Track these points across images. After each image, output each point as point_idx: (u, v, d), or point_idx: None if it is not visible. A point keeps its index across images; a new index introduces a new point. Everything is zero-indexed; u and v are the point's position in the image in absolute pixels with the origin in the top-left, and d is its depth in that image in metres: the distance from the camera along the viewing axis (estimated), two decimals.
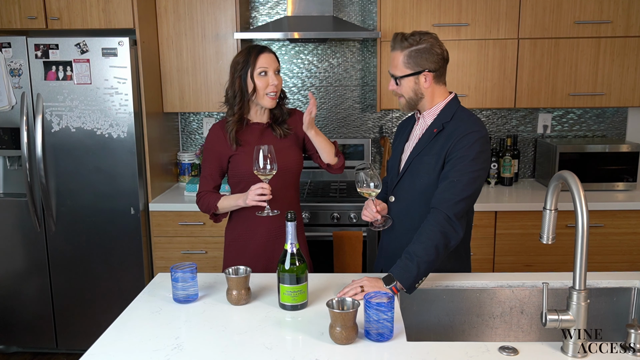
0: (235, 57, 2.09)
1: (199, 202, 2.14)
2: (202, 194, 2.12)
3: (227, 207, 2.09)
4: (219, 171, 2.13)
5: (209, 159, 2.13)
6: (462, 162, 1.71)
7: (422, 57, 1.75)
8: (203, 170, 2.15)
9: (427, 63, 1.76)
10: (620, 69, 3.02)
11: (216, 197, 2.10)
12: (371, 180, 1.77)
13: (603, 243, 2.92)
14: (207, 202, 2.10)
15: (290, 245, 1.59)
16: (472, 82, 3.07)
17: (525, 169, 3.50)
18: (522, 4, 2.97)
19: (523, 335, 1.76)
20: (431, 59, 1.76)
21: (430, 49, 1.76)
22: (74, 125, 2.86)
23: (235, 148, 2.07)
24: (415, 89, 1.79)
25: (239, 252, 2.14)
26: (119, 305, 1.89)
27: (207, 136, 2.15)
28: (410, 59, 1.76)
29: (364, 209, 1.87)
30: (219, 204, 2.08)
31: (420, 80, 1.78)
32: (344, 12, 3.38)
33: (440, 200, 1.71)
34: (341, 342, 1.38)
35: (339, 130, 3.51)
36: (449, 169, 1.73)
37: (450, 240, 1.69)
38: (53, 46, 2.80)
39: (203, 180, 2.14)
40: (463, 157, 1.71)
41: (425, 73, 1.77)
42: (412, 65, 1.77)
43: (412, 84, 1.79)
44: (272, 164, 1.90)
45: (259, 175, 1.91)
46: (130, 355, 1.36)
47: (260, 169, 1.90)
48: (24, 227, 2.97)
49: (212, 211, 2.10)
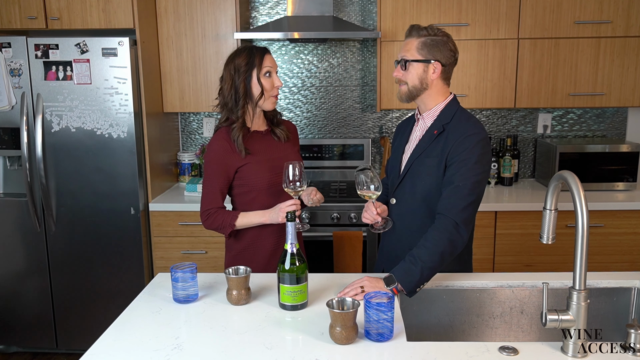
0: (235, 59, 1.98)
1: (209, 220, 1.98)
2: (211, 210, 1.98)
3: (247, 224, 1.98)
4: (227, 184, 2.01)
5: (216, 172, 1.98)
6: (465, 165, 1.71)
7: (437, 47, 1.77)
8: (210, 186, 1.99)
9: (440, 55, 1.77)
10: (620, 69, 3.02)
11: (232, 215, 1.97)
12: (371, 182, 1.77)
13: (603, 243, 2.92)
14: (222, 220, 1.97)
15: (290, 245, 1.59)
16: (472, 82, 3.07)
17: (525, 169, 3.50)
18: (522, 4, 2.97)
19: (523, 335, 1.76)
20: (444, 52, 1.78)
21: (445, 43, 1.78)
22: (74, 125, 2.86)
23: (245, 156, 1.97)
24: (422, 77, 1.79)
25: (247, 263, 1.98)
26: (119, 305, 1.89)
27: (210, 150, 2.00)
28: (424, 46, 1.77)
29: (364, 211, 1.86)
30: (237, 222, 1.96)
31: (429, 70, 1.78)
32: (344, 12, 3.38)
33: (446, 206, 1.70)
34: (341, 342, 1.38)
35: (339, 130, 3.51)
36: (452, 173, 1.73)
37: (456, 248, 1.69)
38: (53, 46, 2.80)
39: (212, 196, 1.98)
40: (465, 161, 1.71)
41: (435, 63, 1.77)
42: (425, 52, 1.77)
43: (421, 71, 1.79)
44: (302, 181, 1.84)
45: (289, 191, 1.85)
46: (130, 355, 1.36)
47: (290, 185, 1.84)
48: (24, 227, 2.97)
49: (230, 230, 1.98)
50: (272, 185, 2.00)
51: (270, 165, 2.01)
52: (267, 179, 2.00)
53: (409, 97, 1.84)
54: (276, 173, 1.99)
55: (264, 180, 1.99)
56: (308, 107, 3.50)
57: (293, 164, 1.83)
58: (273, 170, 2.00)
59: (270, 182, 2.00)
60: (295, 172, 1.83)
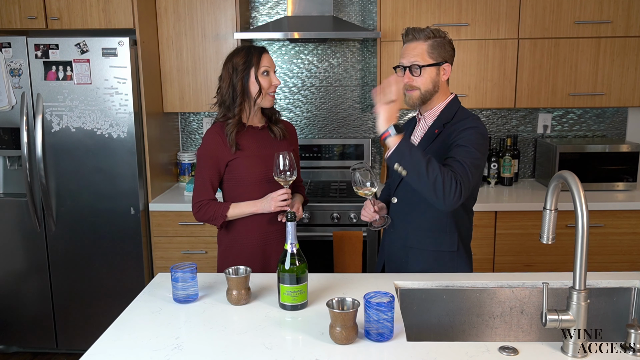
0: (233, 57, 2.03)
1: (201, 211, 2.04)
2: (203, 202, 2.04)
3: (239, 215, 2.04)
4: (218, 177, 2.07)
5: (207, 165, 2.04)
6: (465, 148, 1.69)
7: (444, 48, 1.77)
8: (200, 178, 2.06)
9: (447, 55, 1.78)
10: (620, 69, 3.02)
11: (223, 205, 2.03)
12: (367, 179, 1.78)
13: (603, 243, 2.92)
14: (213, 211, 2.02)
15: (290, 245, 1.59)
16: (472, 82, 3.07)
17: (525, 169, 3.50)
18: (522, 4, 2.97)
19: (523, 335, 1.76)
20: (449, 52, 1.79)
21: (449, 43, 1.79)
22: (74, 125, 2.86)
23: (235, 151, 2.03)
24: (435, 81, 1.79)
25: (236, 255, 2.11)
26: (119, 305, 1.89)
27: (203, 143, 2.07)
28: (434, 49, 1.77)
29: (363, 209, 1.87)
30: (229, 212, 2.02)
31: (441, 72, 1.78)
32: (344, 12, 3.38)
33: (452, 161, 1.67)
34: (341, 342, 1.38)
35: (339, 130, 3.51)
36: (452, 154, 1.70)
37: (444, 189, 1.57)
38: (53, 46, 2.80)
39: (202, 188, 2.05)
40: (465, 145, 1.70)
41: (446, 65, 1.78)
42: (436, 55, 1.77)
43: (434, 74, 1.78)
44: (292, 170, 1.91)
45: (280, 181, 1.93)
46: (130, 355, 1.36)
47: (281, 174, 1.91)
48: (24, 227, 2.97)
49: (221, 220, 2.03)
50: (263, 179, 2.03)
51: (261, 160, 2.05)
52: (256, 174, 2.04)
53: (422, 102, 1.82)
54: (267, 168, 2.03)
55: (254, 174, 2.04)
56: (308, 107, 3.50)
57: (283, 154, 1.91)
58: (264, 165, 2.04)
59: (261, 176, 2.03)
60: (286, 162, 1.91)
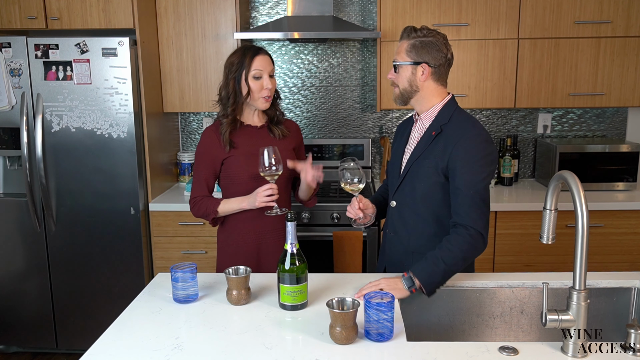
0: (230, 57, 2.06)
1: (195, 207, 2.10)
2: (197, 198, 2.09)
3: (229, 210, 2.06)
4: (214, 175, 2.11)
5: (203, 162, 2.09)
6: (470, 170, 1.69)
7: (425, 49, 1.76)
8: (196, 175, 2.11)
9: (428, 56, 1.76)
10: (620, 69, 3.02)
11: (215, 201, 2.07)
12: (355, 176, 1.78)
13: (603, 243, 2.92)
14: (205, 207, 2.07)
15: (290, 245, 1.59)
16: (472, 82, 3.07)
17: (525, 169, 3.50)
18: (522, 4, 2.97)
19: (523, 335, 1.76)
20: (433, 54, 1.76)
21: (434, 44, 1.76)
22: (74, 125, 2.86)
23: (229, 150, 2.05)
24: (411, 80, 1.79)
25: (233, 253, 2.12)
26: (119, 305, 1.89)
27: (200, 140, 2.11)
28: (413, 48, 1.77)
29: (349, 205, 1.88)
30: (219, 208, 2.05)
31: (418, 72, 1.77)
32: (344, 12, 3.38)
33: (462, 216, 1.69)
34: (341, 342, 1.38)
35: (339, 130, 3.51)
36: (458, 180, 1.70)
37: (478, 253, 1.72)
38: (53, 46, 2.80)
39: (197, 185, 2.10)
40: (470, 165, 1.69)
41: (423, 65, 1.76)
42: (414, 55, 1.77)
43: (409, 73, 1.78)
44: (278, 164, 1.91)
45: (265, 176, 1.92)
46: (130, 355, 1.36)
47: (267, 170, 1.90)
48: (24, 227, 2.97)
49: (212, 216, 2.07)
50: (257, 177, 2.03)
51: (255, 158, 2.03)
52: (250, 171, 2.04)
53: (402, 100, 1.85)
54: None
55: (248, 172, 2.04)
56: (308, 107, 3.50)
57: (268, 149, 1.89)
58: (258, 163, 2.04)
59: (255, 174, 2.03)
60: (271, 157, 1.89)
